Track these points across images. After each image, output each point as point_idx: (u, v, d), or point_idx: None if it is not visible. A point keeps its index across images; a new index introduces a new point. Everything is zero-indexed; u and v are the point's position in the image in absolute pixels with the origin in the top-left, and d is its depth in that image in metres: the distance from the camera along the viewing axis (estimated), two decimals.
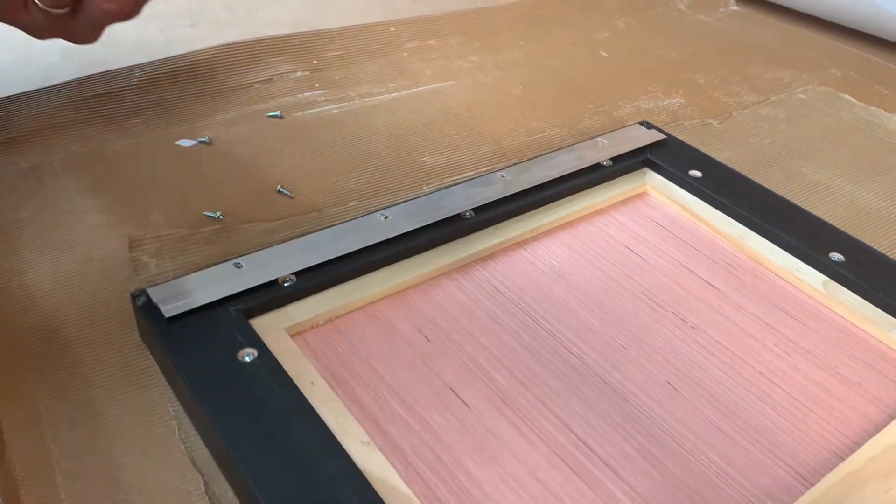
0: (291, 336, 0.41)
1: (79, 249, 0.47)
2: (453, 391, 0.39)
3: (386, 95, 0.67)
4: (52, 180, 0.53)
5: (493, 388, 0.40)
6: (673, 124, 0.66)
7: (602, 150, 0.56)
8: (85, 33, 0.42)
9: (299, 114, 0.63)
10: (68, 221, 0.49)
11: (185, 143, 0.58)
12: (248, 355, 0.38)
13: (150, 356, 0.41)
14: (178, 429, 0.38)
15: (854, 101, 0.73)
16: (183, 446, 0.37)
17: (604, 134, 0.58)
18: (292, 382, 0.37)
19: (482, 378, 0.40)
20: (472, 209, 0.49)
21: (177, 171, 0.55)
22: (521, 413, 0.39)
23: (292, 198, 0.53)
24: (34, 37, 0.43)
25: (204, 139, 0.58)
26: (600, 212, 0.53)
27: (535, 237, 0.50)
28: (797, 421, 0.40)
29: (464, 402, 0.39)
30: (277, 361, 0.38)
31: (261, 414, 0.35)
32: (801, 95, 0.73)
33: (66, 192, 0.52)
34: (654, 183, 0.56)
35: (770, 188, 0.55)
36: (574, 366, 0.42)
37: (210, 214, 0.51)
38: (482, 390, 0.40)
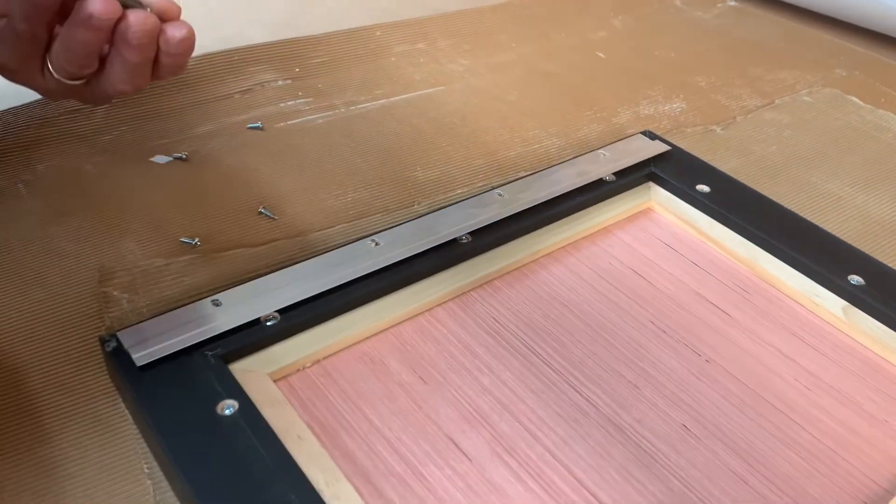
0: (275, 381, 0.38)
1: (45, 283, 0.44)
2: (452, 441, 0.36)
3: (373, 103, 0.63)
4: (17, 204, 0.49)
5: (496, 436, 0.37)
6: (675, 132, 0.63)
7: (604, 164, 0.53)
8: (96, 100, 0.42)
9: (282, 124, 0.59)
10: (34, 250, 0.46)
11: (161, 159, 0.54)
12: (228, 408, 0.35)
13: (123, 404, 0.38)
14: (154, 489, 0.35)
15: (861, 103, 0.70)
16: None
17: (605, 146, 0.55)
18: (277, 438, 0.34)
19: (484, 425, 0.37)
20: (469, 232, 0.46)
21: (151, 191, 0.51)
22: (526, 464, 0.36)
23: (275, 219, 0.50)
24: (46, 97, 0.43)
25: (180, 155, 0.54)
26: (604, 231, 0.50)
27: (536, 260, 0.47)
28: (823, 467, 0.37)
29: (464, 453, 0.36)
30: (260, 414, 0.34)
31: (243, 476, 0.32)
32: (806, 98, 0.70)
33: (33, 218, 0.48)
34: (659, 199, 0.53)
35: (779, 201, 0.52)
36: (582, 408, 0.38)
37: (187, 241, 0.47)
38: (484, 439, 0.37)
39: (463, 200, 0.48)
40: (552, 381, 0.40)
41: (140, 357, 0.36)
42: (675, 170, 0.53)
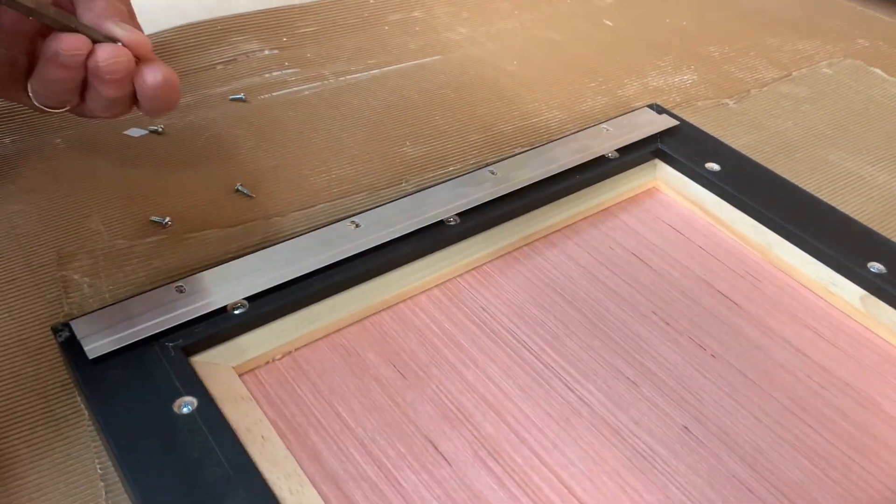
0: (241, 375, 0.35)
1: (2, 265, 0.41)
2: (431, 443, 0.33)
3: (365, 73, 0.60)
4: None
5: (479, 437, 0.34)
6: (685, 105, 0.59)
7: (607, 140, 0.49)
8: (84, 117, 0.41)
9: (266, 96, 0.56)
10: None
11: (135, 132, 0.51)
12: (185, 405, 0.32)
13: (78, 398, 0.35)
14: (105, 492, 0.32)
15: (885, 75, 0.66)
16: None
17: (609, 120, 0.51)
18: (237, 440, 0.31)
19: (466, 425, 0.34)
20: (457, 214, 0.43)
21: (123, 166, 0.48)
22: (511, 469, 0.33)
23: (252, 198, 0.47)
24: (34, 111, 0.42)
25: (156, 128, 0.51)
26: (605, 213, 0.47)
27: (530, 245, 0.44)
28: (837, 474, 0.34)
29: (444, 456, 0.33)
30: (221, 413, 0.32)
31: (197, 483, 0.29)
32: (826, 70, 0.66)
33: None
34: (665, 178, 0.49)
35: (794, 181, 0.48)
36: (575, 407, 0.35)
37: (157, 220, 0.44)
38: (466, 441, 0.34)
39: (452, 178, 0.45)
40: (543, 377, 0.37)
41: (92, 349, 0.33)
42: (683, 146, 0.50)
